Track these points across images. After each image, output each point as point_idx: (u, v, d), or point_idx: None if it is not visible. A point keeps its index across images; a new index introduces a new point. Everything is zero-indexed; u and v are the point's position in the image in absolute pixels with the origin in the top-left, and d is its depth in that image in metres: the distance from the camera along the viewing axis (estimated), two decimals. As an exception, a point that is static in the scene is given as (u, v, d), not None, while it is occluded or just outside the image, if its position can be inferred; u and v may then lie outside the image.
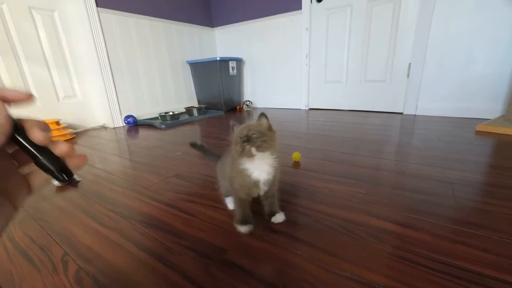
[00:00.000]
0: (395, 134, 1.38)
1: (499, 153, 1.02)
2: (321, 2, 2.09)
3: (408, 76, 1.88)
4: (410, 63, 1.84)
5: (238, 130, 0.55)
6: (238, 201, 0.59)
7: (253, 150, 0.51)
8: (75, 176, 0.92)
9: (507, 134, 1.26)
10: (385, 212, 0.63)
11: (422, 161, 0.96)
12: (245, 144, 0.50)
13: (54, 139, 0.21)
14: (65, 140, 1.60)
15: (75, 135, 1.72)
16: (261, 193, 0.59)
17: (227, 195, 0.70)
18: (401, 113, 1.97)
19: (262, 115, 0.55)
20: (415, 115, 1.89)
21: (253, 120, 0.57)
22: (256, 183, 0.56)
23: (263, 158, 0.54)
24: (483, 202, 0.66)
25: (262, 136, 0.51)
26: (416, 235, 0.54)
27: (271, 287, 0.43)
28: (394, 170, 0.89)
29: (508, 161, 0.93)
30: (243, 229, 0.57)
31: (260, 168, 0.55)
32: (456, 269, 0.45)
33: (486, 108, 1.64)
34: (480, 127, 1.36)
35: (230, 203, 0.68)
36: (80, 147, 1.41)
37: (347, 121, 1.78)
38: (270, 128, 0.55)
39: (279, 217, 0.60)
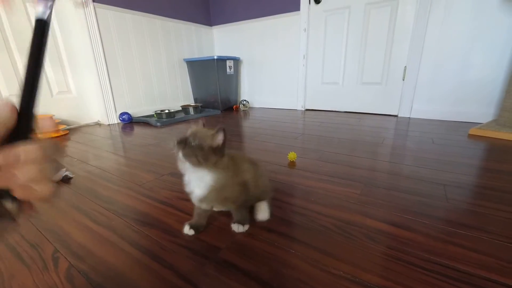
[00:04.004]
0: (390, 136, 1.40)
1: (490, 157, 1.04)
2: (320, 4, 2.10)
3: (403, 79, 1.90)
4: (405, 66, 1.86)
5: (189, 130, 0.50)
6: (195, 208, 0.57)
7: (180, 154, 0.46)
8: (68, 173, 0.90)
9: (499, 138, 1.28)
10: (379, 212, 0.64)
11: (416, 163, 0.97)
12: (178, 145, 0.46)
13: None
14: (57, 137, 1.56)
15: (69, 131, 1.70)
16: (204, 206, 0.54)
17: None
18: (396, 116, 1.99)
19: (221, 130, 0.47)
20: (409, 117, 1.91)
21: (248, 120, 0.56)
22: (189, 194, 0.52)
23: (197, 173, 0.49)
24: (474, 204, 0.67)
25: (199, 150, 0.46)
26: (409, 236, 0.55)
27: (266, 286, 0.43)
28: (389, 171, 0.90)
29: (499, 164, 0.94)
30: (186, 230, 0.56)
31: (194, 181, 0.51)
32: (448, 269, 0.45)
33: (479, 112, 1.67)
34: (473, 131, 1.38)
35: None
36: (73, 144, 1.39)
37: (343, 123, 1.79)
38: (219, 148, 0.48)
39: (236, 227, 0.57)
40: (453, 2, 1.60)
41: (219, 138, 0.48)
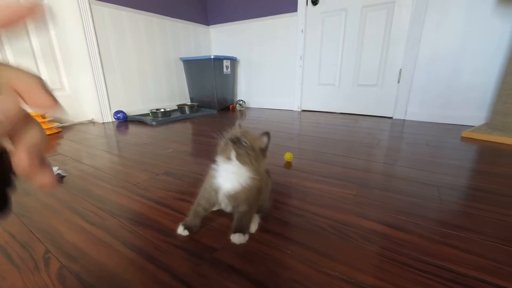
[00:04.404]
0: (385, 137, 1.41)
1: (483, 159, 1.06)
2: (317, 5, 2.11)
3: (398, 82, 1.92)
4: (401, 69, 1.89)
5: (234, 129, 0.52)
6: (195, 207, 0.56)
7: (233, 154, 0.48)
8: (60, 171, 0.89)
9: (491, 141, 1.31)
10: (374, 213, 0.64)
11: (410, 165, 0.98)
12: (231, 144, 0.48)
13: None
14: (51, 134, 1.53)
15: (62, 129, 1.67)
16: (222, 206, 0.55)
17: None
18: (391, 118, 2.01)
19: (266, 134, 0.52)
20: (404, 119, 1.93)
21: (245, 120, 0.56)
22: (216, 190, 0.52)
23: (237, 169, 0.50)
24: (467, 206, 0.68)
25: (251, 150, 0.49)
26: (403, 236, 0.55)
27: (261, 286, 0.43)
28: (383, 172, 0.91)
29: (491, 166, 0.96)
30: (180, 230, 0.55)
31: (227, 177, 0.51)
32: (441, 269, 0.46)
33: (472, 115, 1.70)
34: (466, 134, 1.41)
35: None
36: (67, 142, 1.37)
37: (339, 124, 1.80)
38: (264, 149, 0.52)
39: (237, 238, 0.53)
40: (448, 7, 1.62)
41: (265, 140, 0.51)
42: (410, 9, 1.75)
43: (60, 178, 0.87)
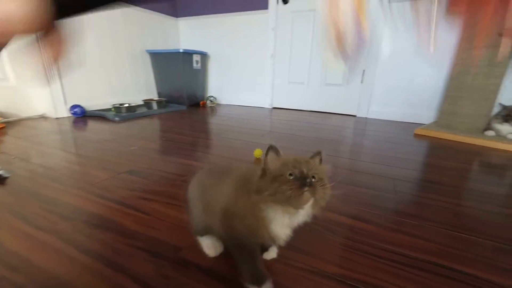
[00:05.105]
0: (349, 134, 1.49)
1: (432, 154, 1.17)
2: (287, 4, 2.15)
3: (361, 82, 2.04)
4: (364, 70, 2.01)
5: (287, 161, 0.36)
6: (243, 250, 0.41)
7: (311, 202, 0.34)
8: (2, 172, 0.78)
9: (438, 137, 1.46)
10: (338, 206, 0.67)
11: (370, 159, 1.05)
12: (306, 189, 0.32)
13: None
14: None
15: (6, 125, 1.47)
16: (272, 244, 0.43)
17: (202, 233, 0.49)
18: (355, 116, 2.14)
19: (320, 154, 0.39)
20: (366, 118, 2.07)
21: (215, 117, 0.54)
22: (272, 238, 0.39)
23: (303, 212, 0.37)
24: (418, 196, 0.75)
25: (326, 185, 0.35)
26: (364, 226, 0.59)
27: (227, 282, 0.42)
28: (348, 167, 0.96)
29: (440, 160, 1.07)
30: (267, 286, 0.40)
31: (288, 224, 0.38)
32: (397, 255, 0.50)
33: (424, 114, 1.88)
34: (418, 131, 1.55)
35: (206, 247, 0.49)
36: (11, 139, 1.21)
37: (308, 121, 1.86)
38: None
39: (272, 253, 0.48)
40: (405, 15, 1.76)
41: (318, 161, 0.39)
42: (372, 12, 1.86)
43: (2, 179, 0.77)
